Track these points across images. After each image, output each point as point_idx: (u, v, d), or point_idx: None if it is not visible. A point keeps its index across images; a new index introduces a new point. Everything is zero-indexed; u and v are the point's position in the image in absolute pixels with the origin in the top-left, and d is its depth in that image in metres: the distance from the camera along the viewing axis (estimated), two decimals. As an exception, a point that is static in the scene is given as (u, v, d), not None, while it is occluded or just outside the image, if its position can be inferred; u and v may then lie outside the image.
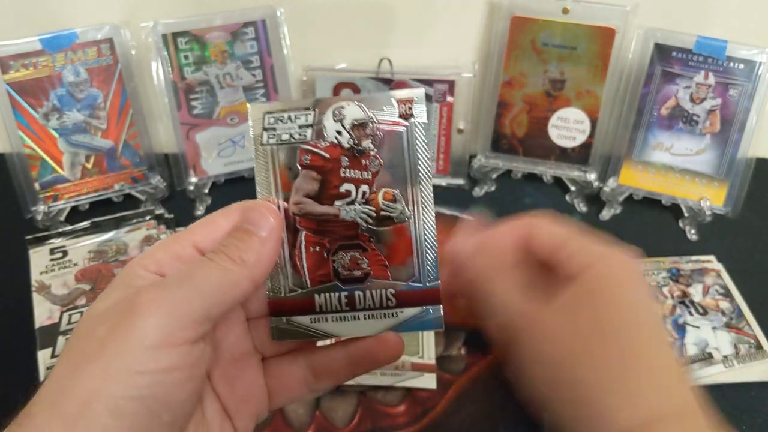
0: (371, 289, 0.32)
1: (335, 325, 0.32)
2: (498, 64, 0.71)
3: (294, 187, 0.31)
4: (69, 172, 0.69)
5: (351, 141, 0.31)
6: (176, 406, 0.26)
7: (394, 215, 0.31)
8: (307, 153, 0.31)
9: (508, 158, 0.75)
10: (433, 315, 0.32)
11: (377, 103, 0.31)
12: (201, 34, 0.68)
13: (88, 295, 0.59)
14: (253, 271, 0.29)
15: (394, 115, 0.31)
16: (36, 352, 0.55)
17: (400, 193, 0.31)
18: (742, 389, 0.53)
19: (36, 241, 0.64)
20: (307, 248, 0.32)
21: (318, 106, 0.31)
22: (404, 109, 0.31)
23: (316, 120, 0.31)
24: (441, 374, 0.54)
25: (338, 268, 0.32)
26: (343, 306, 0.32)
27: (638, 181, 0.71)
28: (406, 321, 0.32)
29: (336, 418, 0.51)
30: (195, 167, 0.72)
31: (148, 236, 0.65)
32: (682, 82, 0.67)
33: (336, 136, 0.31)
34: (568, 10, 0.67)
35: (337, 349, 0.34)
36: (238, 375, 0.32)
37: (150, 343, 0.25)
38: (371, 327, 0.32)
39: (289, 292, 0.32)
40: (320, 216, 0.32)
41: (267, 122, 0.31)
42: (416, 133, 0.31)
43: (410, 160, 0.31)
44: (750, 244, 0.68)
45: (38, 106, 0.66)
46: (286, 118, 0.31)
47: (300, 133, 0.31)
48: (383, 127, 0.31)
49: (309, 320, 0.32)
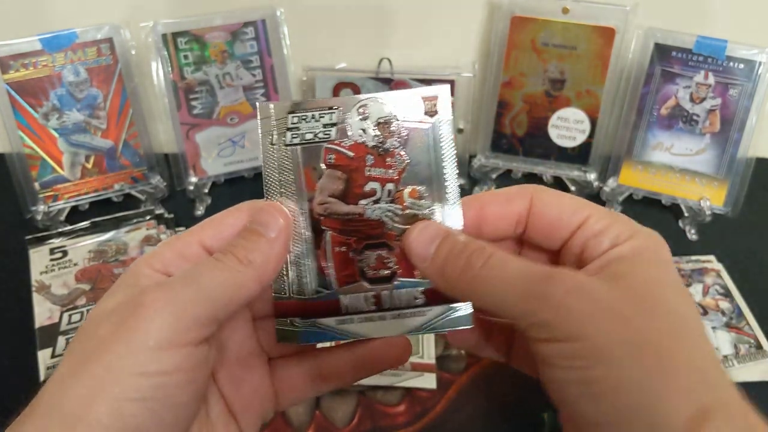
0: (399, 288, 0.31)
1: (361, 325, 0.31)
2: (498, 64, 0.71)
3: (318, 187, 0.31)
4: (69, 172, 0.69)
5: (376, 139, 0.31)
6: (179, 408, 0.26)
7: (420, 213, 0.31)
8: (332, 152, 0.31)
9: (508, 158, 0.75)
10: (463, 312, 0.31)
11: (402, 100, 0.31)
12: (201, 34, 0.68)
13: (88, 295, 0.59)
14: (261, 272, 0.28)
15: (420, 113, 0.31)
16: (36, 352, 0.55)
17: (425, 190, 0.31)
18: (742, 389, 0.53)
19: (36, 241, 0.64)
20: (333, 248, 0.31)
21: (341, 104, 0.31)
22: (429, 107, 0.31)
23: (340, 119, 0.31)
24: (441, 374, 0.54)
25: (364, 268, 0.31)
26: (369, 306, 0.31)
27: (638, 181, 0.71)
28: (434, 320, 0.31)
29: (336, 417, 0.51)
30: (195, 167, 0.72)
31: (148, 236, 0.65)
32: (682, 82, 0.67)
33: (360, 134, 0.31)
34: (568, 10, 0.67)
35: (344, 351, 0.33)
36: (243, 376, 0.32)
37: (153, 344, 0.25)
38: (399, 327, 0.31)
39: (314, 294, 0.31)
40: (345, 215, 0.31)
41: (291, 122, 0.31)
42: (441, 130, 0.31)
43: (435, 157, 0.31)
44: (750, 244, 0.68)
45: (38, 106, 0.66)
46: (310, 117, 0.31)
47: (325, 132, 0.31)
48: (408, 125, 0.31)
49: (335, 322, 0.31)
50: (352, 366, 0.33)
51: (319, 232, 0.31)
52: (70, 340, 0.55)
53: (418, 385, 0.53)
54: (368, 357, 0.33)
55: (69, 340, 0.55)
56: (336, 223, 0.31)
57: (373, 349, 0.33)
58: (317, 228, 0.31)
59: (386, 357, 0.33)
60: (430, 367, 0.54)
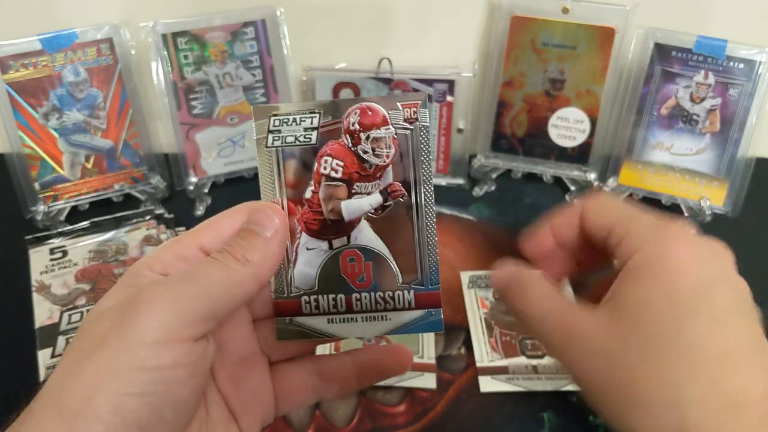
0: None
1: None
2: (498, 64, 0.71)
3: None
4: (69, 172, 0.69)
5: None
6: (179, 404, 0.26)
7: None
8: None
9: (508, 158, 0.75)
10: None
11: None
12: (201, 34, 0.68)
13: (88, 295, 0.59)
14: (258, 271, 0.29)
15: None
16: (36, 352, 0.55)
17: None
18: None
19: (36, 241, 0.64)
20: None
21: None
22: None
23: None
24: (441, 374, 0.54)
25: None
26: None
27: (638, 181, 0.71)
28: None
29: (336, 417, 0.51)
30: (195, 167, 0.72)
31: (148, 236, 0.65)
32: (682, 82, 0.67)
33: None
34: (568, 10, 0.67)
35: (345, 356, 0.34)
36: (243, 376, 0.32)
37: (152, 339, 0.25)
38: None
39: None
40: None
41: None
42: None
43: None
44: (750, 244, 0.68)
45: (38, 106, 0.66)
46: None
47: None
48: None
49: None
50: (353, 372, 0.34)
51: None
52: (70, 340, 0.55)
53: (418, 385, 0.53)
54: (369, 363, 0.33)
55: (69, 340, 0.55)
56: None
57: (374, 356, 0.33)
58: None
59: (387, 364, 0.33)
60: (430, 367, 0.54)
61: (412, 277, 0.32)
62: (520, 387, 0.53)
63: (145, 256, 0.34)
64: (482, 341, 0.57)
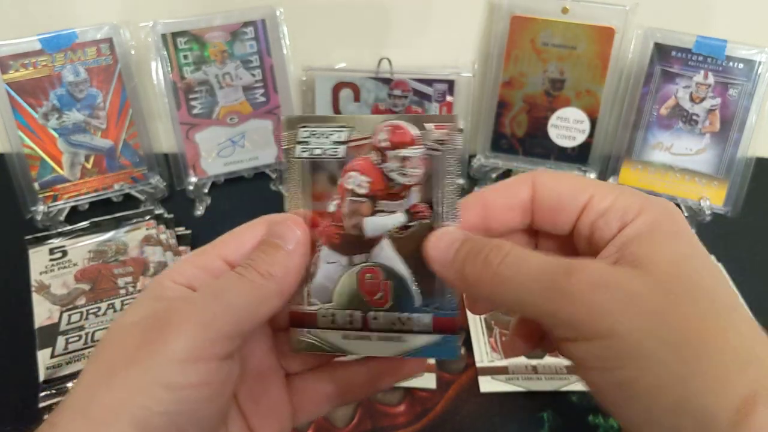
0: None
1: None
2: (498, 64, 0.71)
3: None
4: (69, 172, 0.69)
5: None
6: (202, 423, 0.26)
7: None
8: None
9: (507, 158, 0.75)
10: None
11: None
12: (200, 34, 0.68)
13: (88, 295, 0.59)
14: (282, 285, 0.28)
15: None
16: (36, 352, 0.54)
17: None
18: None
19: (36, 241, 0.64)
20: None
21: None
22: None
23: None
24: (441, 374, 0.54)
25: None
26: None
27: (638, 181, 0.71)
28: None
29: (336, 417, 0.51)
30: (194, 167, 0.72)
31: (148, 236, 0.65)
32: (681, 82, 0.67)
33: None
34: (567, 10, 0.67)
35: (359, 366, 0.34)
36: (263, 391, 0.32)
37: (180, 357, 0.25)
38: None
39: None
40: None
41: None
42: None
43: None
44: (750, 244, 0.68)
45: (38, 106, 0.66)
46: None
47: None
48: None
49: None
50: (367, 380, 0.33)
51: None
52: (69, 340, 0.55)
53: (418, 385, 0.53)
54: (383, 372, 0.33)
55: (68, 340, 0.55)
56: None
57: (388, 365, 0.33)
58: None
59: (400, 372, 0.33)
60: (430, 367, 0.54)
61: (430, 300, 0.31)
62: (519, 387, 0.53)
63: (168, 267, 0.33)
64: (482, 341, 0.57)
